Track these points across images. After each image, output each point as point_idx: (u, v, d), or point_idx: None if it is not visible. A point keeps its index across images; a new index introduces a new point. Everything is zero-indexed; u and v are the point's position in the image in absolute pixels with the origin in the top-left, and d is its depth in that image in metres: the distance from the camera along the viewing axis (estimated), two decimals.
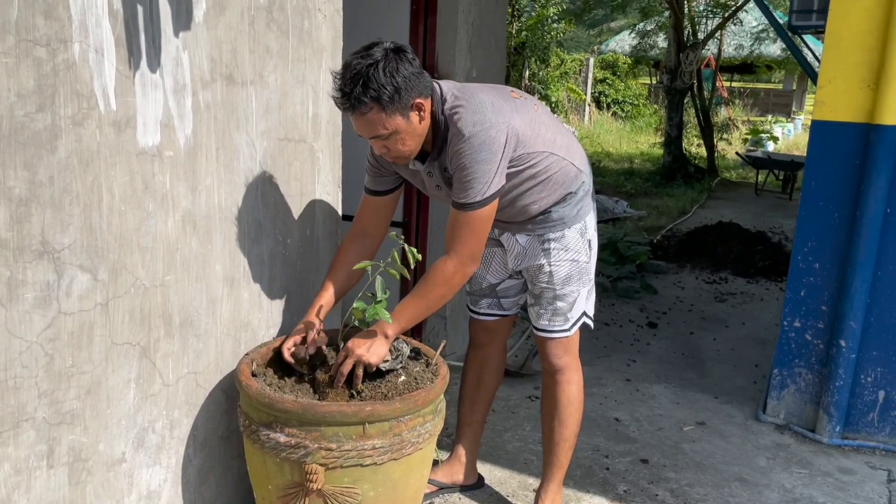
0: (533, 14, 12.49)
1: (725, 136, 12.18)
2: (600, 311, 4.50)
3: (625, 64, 17.56)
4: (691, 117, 11.23)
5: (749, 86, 21.07)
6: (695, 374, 3.71)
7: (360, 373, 1.90)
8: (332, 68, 2.12)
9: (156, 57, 1.68)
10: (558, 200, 2.11)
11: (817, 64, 3.44)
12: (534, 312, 2.26)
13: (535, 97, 2.70)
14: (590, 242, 2.20)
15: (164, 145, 1.73)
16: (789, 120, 17.12)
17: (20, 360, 1.51)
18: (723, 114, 13.28)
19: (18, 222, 1.47)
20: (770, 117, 16.72)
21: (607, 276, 5.29)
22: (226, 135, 1.88)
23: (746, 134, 13.65)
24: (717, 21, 10.72)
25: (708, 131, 10.80)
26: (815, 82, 3.30)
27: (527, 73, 12.81)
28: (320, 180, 2.24)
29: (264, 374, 1.95)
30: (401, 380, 1.96)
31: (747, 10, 10.93)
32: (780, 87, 22.21)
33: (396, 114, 1.82)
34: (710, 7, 11.02)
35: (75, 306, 1.59)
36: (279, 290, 2.15)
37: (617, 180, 9.94)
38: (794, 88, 20.61)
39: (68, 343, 1.59)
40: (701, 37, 10.34)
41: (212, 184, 1.87)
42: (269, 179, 2.04)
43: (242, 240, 1.99)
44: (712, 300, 5.00)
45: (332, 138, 2.25)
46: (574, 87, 15.39)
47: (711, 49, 12.08)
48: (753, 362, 3.88)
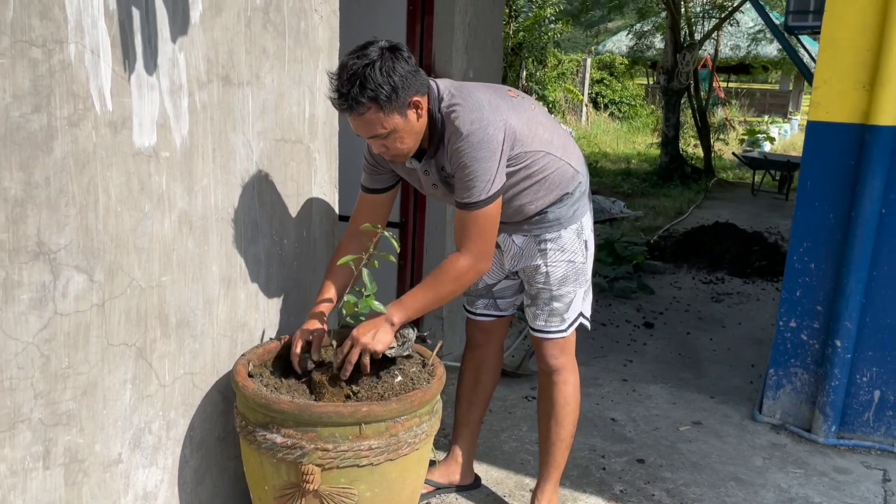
0: (530, 14, 12.49)
1: (722, 136, 12.22)
2: (597, 311, 4.50)
3: (622, 64, 17.56)
4: (688, 118, 11.25)
5: (745, 86, 21.11)
6: (691, 374, 3.71)
7: (366, 361, 1.88)
8: (329, 69, 2.11)
9: (152, 58, 1.68)
10: (555, 201, 2.11)
11: (813, 65, 3.45)
12: (530, 313, 2.26)
13: (532, 97, 2.70)
14: (586, 243, 2.20)
15: (161, 146, 1.73)
16: (786, 120, 17.15)
17: (16, 360, 1.51)
18: (719, 114, 13.31)
19: (14, 223, 1.47)
20: (766, 118, 16.75)
21: (604, 276, 5.30)
22: (222, 135, 1.88)
23: (743, 134, 13.69)
24: (713, 22, 10.75)
25: (705, 132, 10.83)
26: (810, 83, 3.31)
27: (524, 73, 12.81)
28: (317, 181, 2.24)
29: (261, 375, 1.95)
30: (397, 380, 1.95)
31: (744, 10, 10.93)
32: (777, 87, 22.25)
33: (394, 113, 1.82)
34: (706, 8, 11.04)
35: (71, 307, 1.59)
36: (276, 290, 2.15)
37: (614, 181, 9.96)
38: (791, 89, 20.63)
39: (64, 344, 1.59)
40: (697, 37, 10.36)
41: (208, 184, 1.87)
42: (266, 180, 2.04)
43: (239, 240, 1.99)
44: (709, 300, 5.01)
45: (328, 139, 2.25)
46: (571, 87, 15.39)
47: (708, 50, 12.09)
48: (750, 362, 3.89)
